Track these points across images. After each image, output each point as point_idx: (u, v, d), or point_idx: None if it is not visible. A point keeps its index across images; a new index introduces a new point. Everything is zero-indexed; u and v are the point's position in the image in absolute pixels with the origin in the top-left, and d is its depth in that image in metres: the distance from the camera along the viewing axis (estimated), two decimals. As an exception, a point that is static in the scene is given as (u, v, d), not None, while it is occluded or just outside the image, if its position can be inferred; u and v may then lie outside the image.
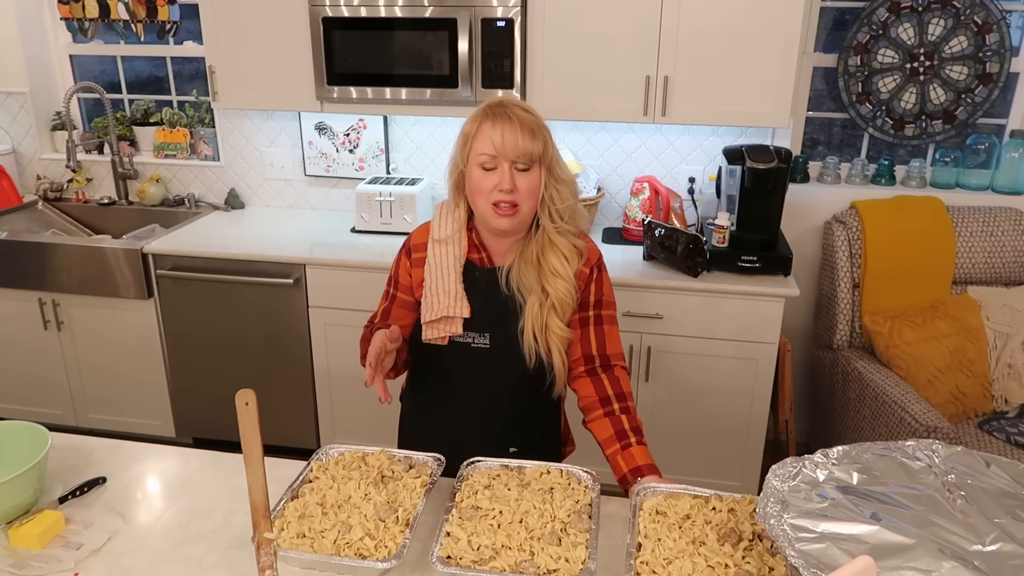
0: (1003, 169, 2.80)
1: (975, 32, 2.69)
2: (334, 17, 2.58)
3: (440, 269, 1.51)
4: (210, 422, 2.99)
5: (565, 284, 1.48)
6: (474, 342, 1.53)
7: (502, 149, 1.39)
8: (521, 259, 1.50)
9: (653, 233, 2.60)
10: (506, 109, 1.42)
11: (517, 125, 1.40)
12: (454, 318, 1.49)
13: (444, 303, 1.49)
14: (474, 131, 1.43)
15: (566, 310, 1.50)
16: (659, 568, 1.07)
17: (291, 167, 3.23)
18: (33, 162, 3.46)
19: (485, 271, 1.52)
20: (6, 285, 2.92)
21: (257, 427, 1.06)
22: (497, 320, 1.51)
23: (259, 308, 2.79)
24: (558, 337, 1.49)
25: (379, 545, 1.11)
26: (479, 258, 1.53)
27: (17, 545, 1.23)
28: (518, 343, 1.50)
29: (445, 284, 1.50)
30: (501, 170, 1.41)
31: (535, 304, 1.48)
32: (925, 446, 1.17)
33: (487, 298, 1.51)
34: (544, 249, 1.49)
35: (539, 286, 1.48)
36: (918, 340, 2.57)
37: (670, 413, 2.66)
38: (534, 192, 1.44)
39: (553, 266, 1.48)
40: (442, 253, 1.52)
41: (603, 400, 1.52)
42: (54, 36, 3.34)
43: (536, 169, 1.43)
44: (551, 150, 1.45)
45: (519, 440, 1.59)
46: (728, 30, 2.43)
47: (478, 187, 1.43)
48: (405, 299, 1.58)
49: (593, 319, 1.56)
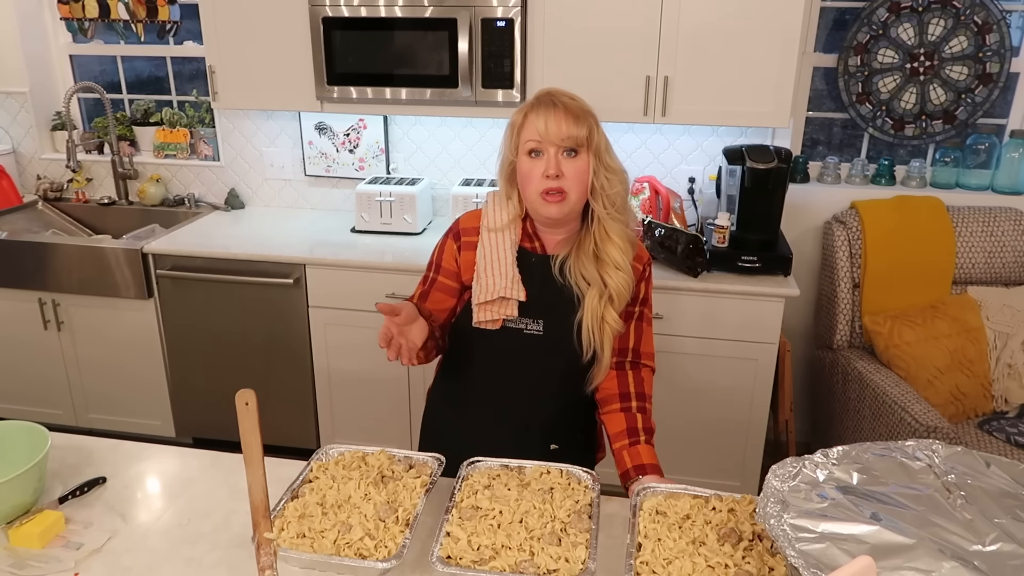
0: (1003, 169, 2.80)
1: (975, 32, 2.69)
2: (334, 17, 2.58)
3: (495, 251, 1.49)
4: (210, 422, 2.99)
5: (624, 276, 1.46)
6: (527, 328, 1.49)
7: (546, 135, 1.39)
8: (579, 250, 1.48)
9: (653, 233, 2.60)
10: (552, 97, 1.42)
11: (562, 111, 1.39)
12: (509, 300, 1.46)
13: (500, 284, 1.46)
14: (520, 121, 1.43)
15: (622, 302, 1.48)
16: (659, 568, 1.07)
17: (291, 167, 3.23)
18: (33, 162, 3.46)
19: (540, 257, 1.50)
20: (6, 285, 2.92)
21: (257, 427, 1.06)
22: (551, 308, 1.49)
23: (259, 308, 2.79)
24: (612, 328, 1.47)
25: (379, 545, 1.11)
26: (532, 247, 1.51)
27: (17, 545, 1.23)
28: (571, 333, 1.48)
29: (502, 266, 1.47)
30: (547, 155, 1.40)
31: (595, 296, 1.46)
32: (925, 446, 1.17)
33: (542, 285, 1.48)
34: (603, 240, 1.47)
35: (599, 277, 1.46)
36: (918, 340, 2.57)
37: (670, 413, 2.65)
38: (582, 178, 1.42)
39: (613, 257, 1.46)
40: (497, 239, 1.50)
41: (623, 395, 1.53)
42: (54, 36, 3.34)
43: (584, 155, 1.42)
44: (598, 136, 1.43)
45: (561, 437, 1.57)
46: (728, 30, 2.43)
47: (527, 176, 1.43)
48: (447, 284, 1.54)
49: (637, 315, 1.56)
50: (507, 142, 1.47)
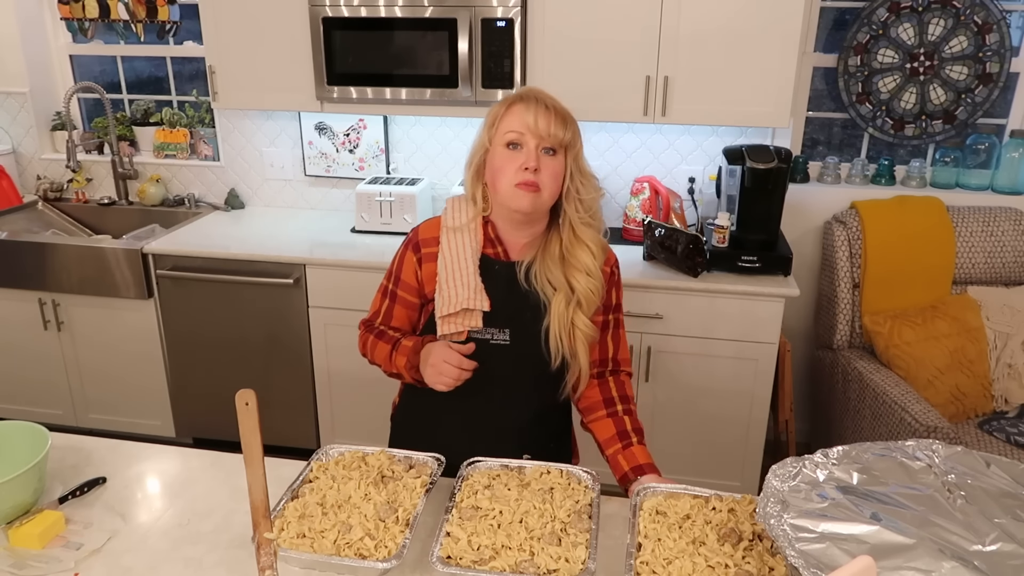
0: (1003, 169, 2.80)
1: (975, 32, 2.69)
2: (334, 17, 2.58)
3: (456, 261, 1.45)
4: (210, 422, 2.99)
5: (593, 281, 1.44)
6: (493, 338, 1.46)
7: (534, 128, 1.37)
8: (545, 254, 1.46)
9: (653, 233, 2.60)
10: (538, 94, 1.42)
11: (551, 111, 1.39)
12: (473, 311, 1.43)
13: (463, 295, 1.42)
14: (503, 112, 1.42)
15: (592, 306, 1.46)
16: (659, 568, 1.07)
17: (291, 167, 3.23)
18: (33, 162, 3.46)
19: (504, 264, 1.47)
20: (6, 285, 2.92)
21: (257, 427, 1.06)
22: (518, 315, 1.46)
23: (259, 308, 2.79)
24: (584, 334, 1.45)
25: (379, 545, 1.11)
26: (495, 252, 1.47)
27: (17, 545, 1.23)
28: (540, 341, 1.45)
29: (463, 276, 1.43)
30: (527, 148, 1.38)
31: (561, 302, 1.43)
32: (925, 446, 1.17)
33: (507, 292, 1.45)
34: (571, 243, 1.45)
35: (565, 282, 1.44)
36: (918, 340, 2.57)
37: (670, 413, 2.66)
38: (557, 178, 1.40)
39: (584, 261, 1.44)
40: (457, 243, 1.46)
41: (607, 401, 1.52)
42: (54, 36, 3.34)
43: (561, 157, 1.41)
44: (579, 143, 1.43)
45: (534, 446, 1.52)
46: (728, 30, 2.43)
47: (501, 167, 1.40)
48: (408, 299, 1.52)
49: (612, 323, 1.55)
50: (483, 132, 1.45)
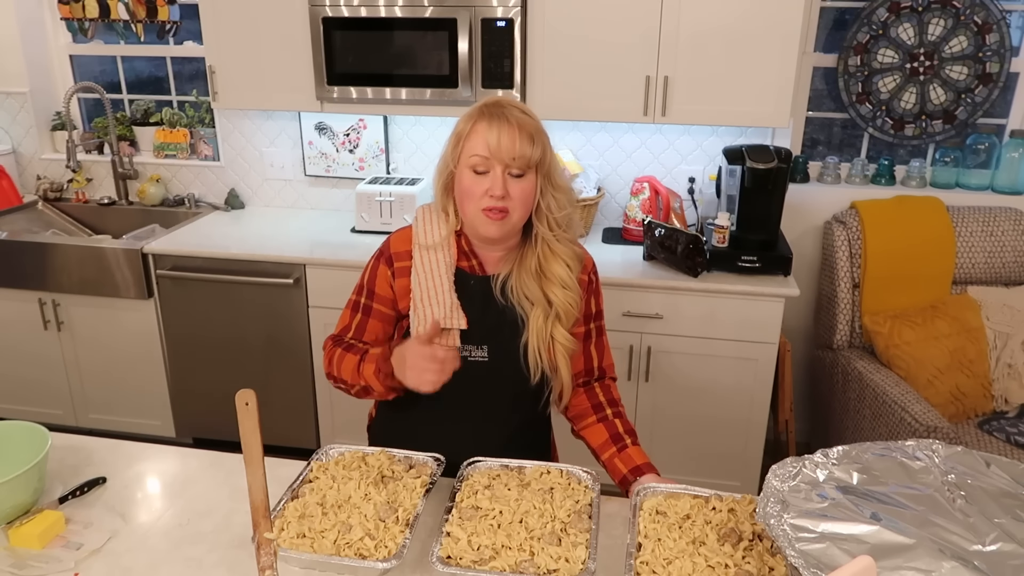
0: (1003, 169, 2.80)
1: (975, 32, 2.69)
2: (334, 17, 2.58)
3: (430, 277, 1.41)
4: (210, 422, 2.99)
5: (570, 294, 1.41)
6: (471, 355, 1.42)
7: (497, 151, 1.31)
8: (520, 268, 1.42)
9: (653, 233, 2.60)
10: (504, 110, 1.34)
11: (516, 128, 1.31)
12: (450, 330, 1.39)
13: (439, 313, 1.39)
14: (468, 130, 1.35)
15: (571, 318, 1.43)
16: (659, 568, 1.07)
17: (291, 167, 3.23)
18: (33, 162, 3.45)
19: (479, 279, 1.43)
20: (6, 285, 2.92)
21: (257, 427, 1.06)
22: (495, 331, 1.43)
23: (259, 308, 2.79)
24: (564, 348, 1.42)
25: (379, 545, 1.11)
26: (470, 266, 1.44)
27: (17, 545, 1.23)
28: (518, 356, 1.42)
29: (438, 294, 1.39)
30: (493, 174, 1.32)
31: (539, 316, 1.40)
32: (925, 446, 1.17)
33: (483, 308, 1.42)
34: (546, 258, 1.41)
35: (542, 296, 1.41)
36: (918, 340, 2.57)
37: (670, 413, 2.66)
38: (527, 200, 1.35)
39: (557, 275, 1.40)
40: (431, 260, 1.42)
41: (596, 407, 1.51)
42: (54, 36, 3.34)
43: (531, 176, 1.35)
44: (549, 156, 1.37)
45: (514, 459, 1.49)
46: (728, 30, 2.43)
47: (468, 192, 1.35)
48: (383, 312, 1.48)
49: (595, 332, 1.53)
50: (448, 150, 1.39)
